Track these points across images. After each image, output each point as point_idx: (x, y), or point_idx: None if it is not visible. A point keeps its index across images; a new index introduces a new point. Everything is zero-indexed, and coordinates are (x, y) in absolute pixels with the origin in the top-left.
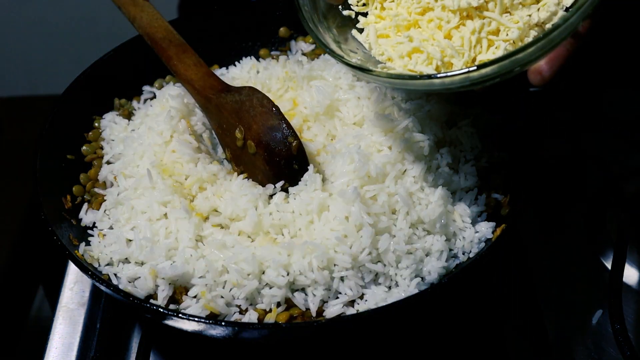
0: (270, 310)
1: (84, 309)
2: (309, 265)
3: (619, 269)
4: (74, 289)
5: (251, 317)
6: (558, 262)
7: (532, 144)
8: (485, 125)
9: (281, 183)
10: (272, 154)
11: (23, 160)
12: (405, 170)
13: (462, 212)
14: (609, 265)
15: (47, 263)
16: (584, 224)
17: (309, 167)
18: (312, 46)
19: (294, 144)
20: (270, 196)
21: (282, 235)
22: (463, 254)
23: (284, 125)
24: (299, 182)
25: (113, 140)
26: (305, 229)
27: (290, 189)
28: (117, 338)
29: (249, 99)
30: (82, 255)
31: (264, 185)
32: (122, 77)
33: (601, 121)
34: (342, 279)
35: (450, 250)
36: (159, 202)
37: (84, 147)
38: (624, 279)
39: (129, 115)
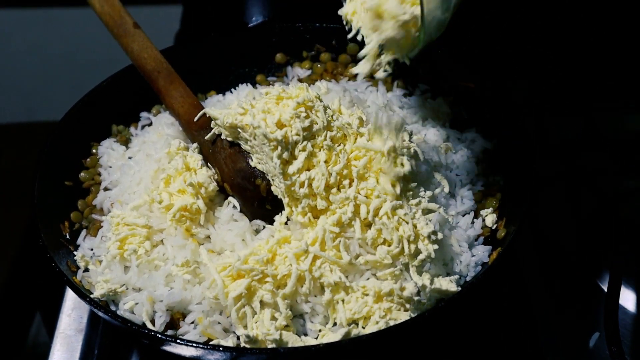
0: None
1: (81, 335)
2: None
3: (615, 291)
4: (72, 315)
5: None
6: (554, 284)
7: (527, 167)
8: (481, 149)
9: (258, 221)
10: (244, 197)
11: (21, 186)
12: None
13: (459, 236)
14: (605, 287)
15: (45, 289)
16: (580, 247)
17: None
18: (308, 72)
19: (261, 185)
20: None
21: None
22: (460, 277)
23: (251, 167)
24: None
25: (110, 167)
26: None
27: (270, 228)
28: None
29: (219, 140)
30: (80, 281)
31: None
32: (119, 104)
33: (596, 143)
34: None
35: (447, 274)
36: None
37: (81, 174)
38: (620, 302)
39: (126, 142)
